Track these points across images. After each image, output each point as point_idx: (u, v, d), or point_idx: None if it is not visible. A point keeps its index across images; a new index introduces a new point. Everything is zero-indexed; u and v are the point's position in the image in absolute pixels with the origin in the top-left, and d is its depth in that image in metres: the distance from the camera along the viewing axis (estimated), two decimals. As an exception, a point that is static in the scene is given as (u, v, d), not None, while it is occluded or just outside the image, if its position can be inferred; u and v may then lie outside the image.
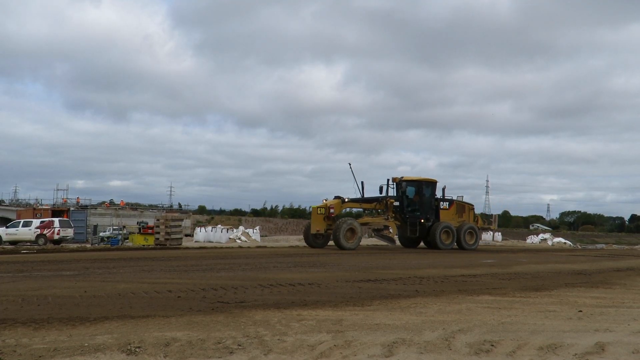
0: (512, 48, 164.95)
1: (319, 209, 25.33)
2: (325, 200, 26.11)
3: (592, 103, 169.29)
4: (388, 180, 27.23)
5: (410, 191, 27.67)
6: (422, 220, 27.05)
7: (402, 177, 27.83)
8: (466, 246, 27.21)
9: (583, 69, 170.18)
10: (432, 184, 28.02)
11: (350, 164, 27.04)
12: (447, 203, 28.26)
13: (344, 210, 28.52)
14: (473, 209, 29.40)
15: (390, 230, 26.53)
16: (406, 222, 27.16)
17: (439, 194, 28.31)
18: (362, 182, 26.96)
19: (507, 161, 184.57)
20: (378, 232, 27.38)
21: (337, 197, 25.98)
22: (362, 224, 26.52)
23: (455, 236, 27.00)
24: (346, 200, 26.09)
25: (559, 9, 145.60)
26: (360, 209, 28.80)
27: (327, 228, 25.01)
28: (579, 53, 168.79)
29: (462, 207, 28.69)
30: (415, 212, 27.33)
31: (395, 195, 27.52)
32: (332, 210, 25.03)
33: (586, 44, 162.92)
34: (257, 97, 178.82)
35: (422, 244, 28.87)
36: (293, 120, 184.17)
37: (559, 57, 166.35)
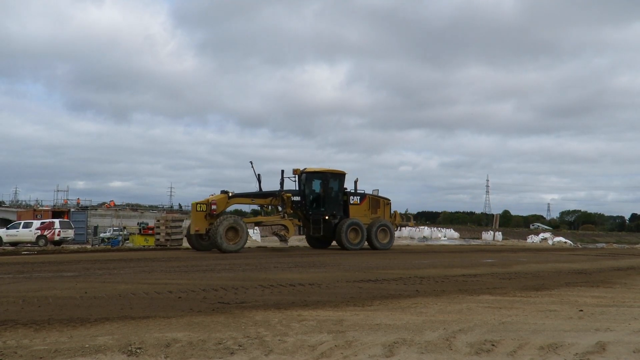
0: (515, 47, 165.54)
1: (198, 205, 21.57)
2: (212, 195, 22.55)
3: (595, 102, 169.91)
4: (282, 171, 23.58)
5: (314, 184, 24.09)
6: (327, 217, 23.54)
7: (304, 169, 24.12)
8: (378, 245, 23.96)
9: (587, 68, 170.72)
10: (339, 176, 24.44)
11: (251, 162, 23.67)
12: (359, 198, 24.82)
13: (235, 207, 25.12)
14: (389, 204, 26.07)
15: (288, 230, 22.97)
16: (309, 219, 23.81)
17: (350, 188, 25.03)
18: (259, 175, 23.59)
19: (508, 161, 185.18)
20: (275, 232, 23.93)
21: (223, 192, 22.32)
22: (256, 223, 24.11)
23: (364, 234, 23.65)
24: (230, 194, 22.24)
25: (563, 8, 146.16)
26: (255, 206, 24.99)
27: (208, 228, 21.28)
28: (583, 52, 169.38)
29: (376, 202, 25.39)
30: (319, 207, 23.72)
31: (296, 189, 24.00)
32: (214, 207, 21.26)
33: (590, 43, 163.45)
34: (259, 97, 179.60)
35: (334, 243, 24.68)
36: (295, 120, 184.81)
37: (563, 56, 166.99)
